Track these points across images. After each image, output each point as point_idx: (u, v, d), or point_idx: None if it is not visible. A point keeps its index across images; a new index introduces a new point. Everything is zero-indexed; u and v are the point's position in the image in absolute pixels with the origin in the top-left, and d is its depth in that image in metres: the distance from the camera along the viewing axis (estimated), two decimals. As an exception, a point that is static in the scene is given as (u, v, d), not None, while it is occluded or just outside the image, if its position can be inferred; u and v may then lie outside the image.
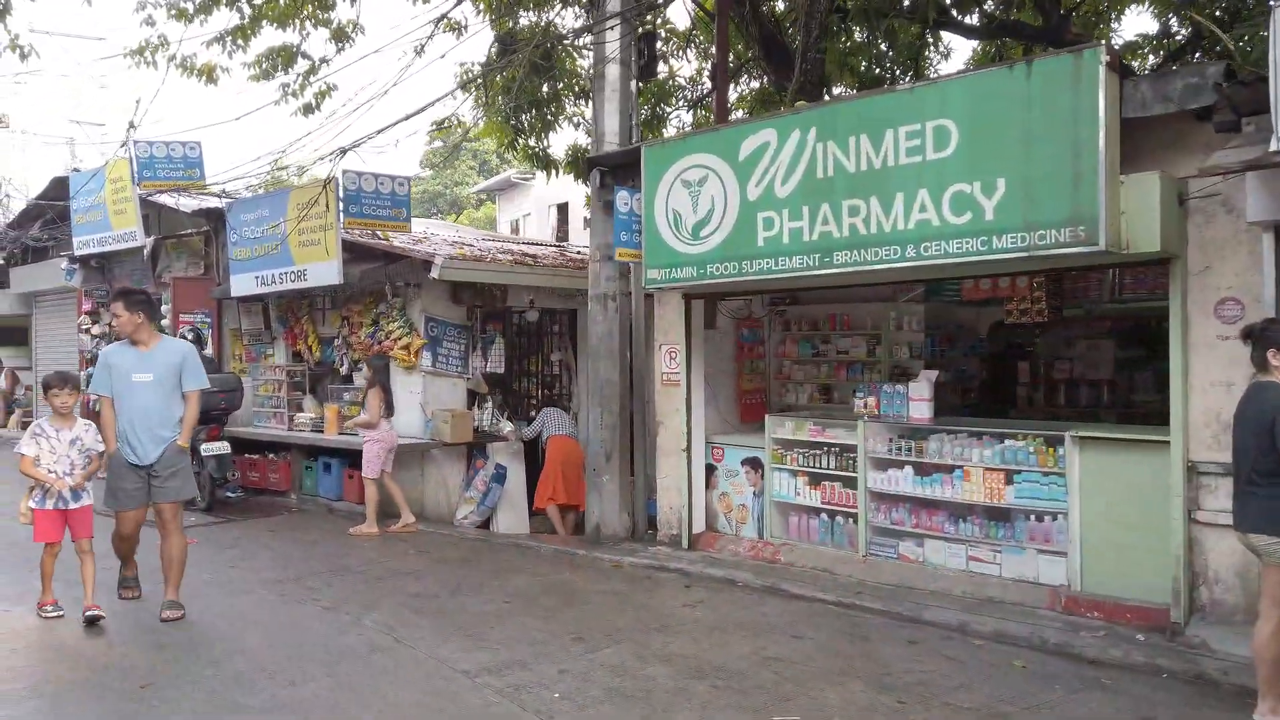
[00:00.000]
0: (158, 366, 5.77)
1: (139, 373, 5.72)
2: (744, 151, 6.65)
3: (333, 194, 9.16)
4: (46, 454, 5.55)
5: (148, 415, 5.72)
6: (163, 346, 5.93)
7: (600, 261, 8.27)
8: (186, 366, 5.89)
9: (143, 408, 5.70)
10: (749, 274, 6.62)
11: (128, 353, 5.81)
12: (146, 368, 5.73)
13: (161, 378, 5.78)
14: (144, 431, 5.72)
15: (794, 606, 6.26)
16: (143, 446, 5.73)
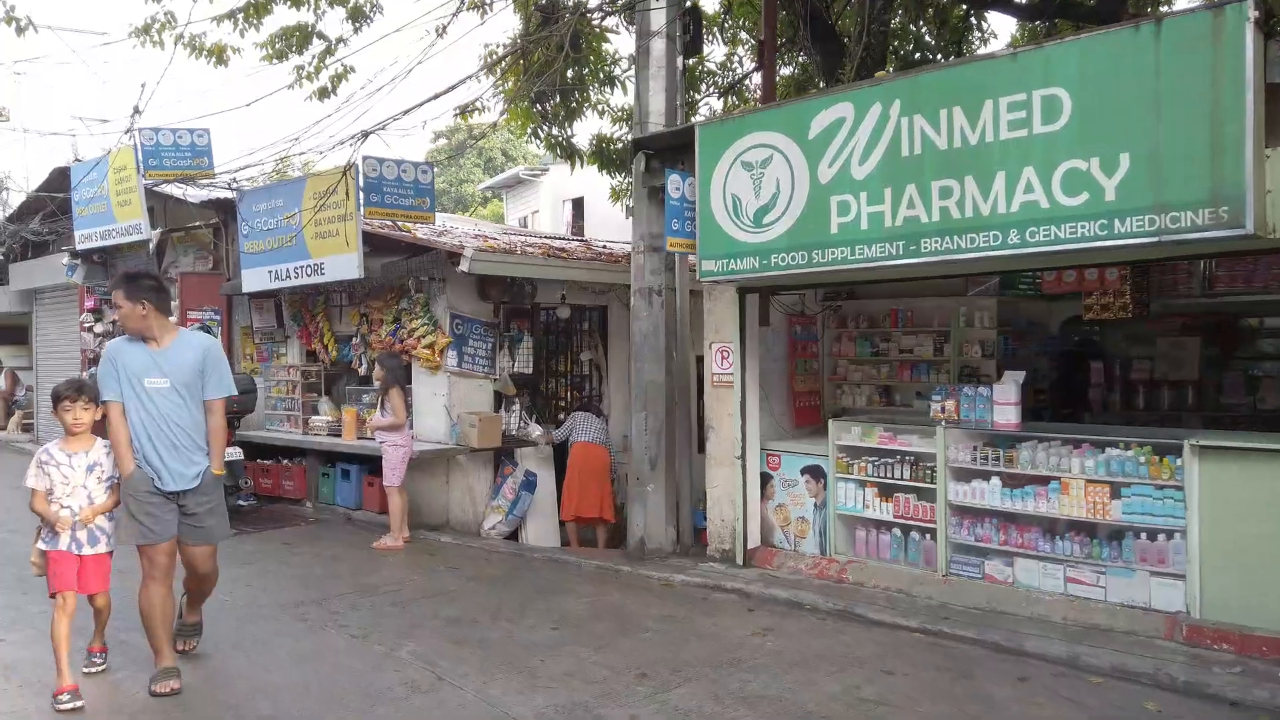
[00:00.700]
0: (174, 368, 4.55)
1: (152, 376, 4.51)
2: (815, 129, 6.00)
3: (352, 181, 8.52)
4: (59, 485, 4.40)
5: (169, 430, 4.52)
6: (180, 343, 4.65)
7: (645, 253, 7.62)
8: (209, 367, 4.65)
9: (162, 421, 4.52)
10: (820, 264, 5.97)
11: (138, 351, 4.56)
12: (161, 370, 4.53)
13: (180, 382, 4.56)
14: (166, 450, 4.52)
15: (875, 635, 5.61)
16: (168, 470, 4.52)
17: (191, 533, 4.65)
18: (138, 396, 4.50)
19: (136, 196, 10.81)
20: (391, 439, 8.02)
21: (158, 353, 4.58)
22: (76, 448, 4.47)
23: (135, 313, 4.53)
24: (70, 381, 4.63)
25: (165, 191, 11.26)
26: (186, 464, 4.56)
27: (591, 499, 9.17)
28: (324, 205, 8.74)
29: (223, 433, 4.74)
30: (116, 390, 4.50)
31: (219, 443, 4.70)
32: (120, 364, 4.52)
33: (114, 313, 4.77)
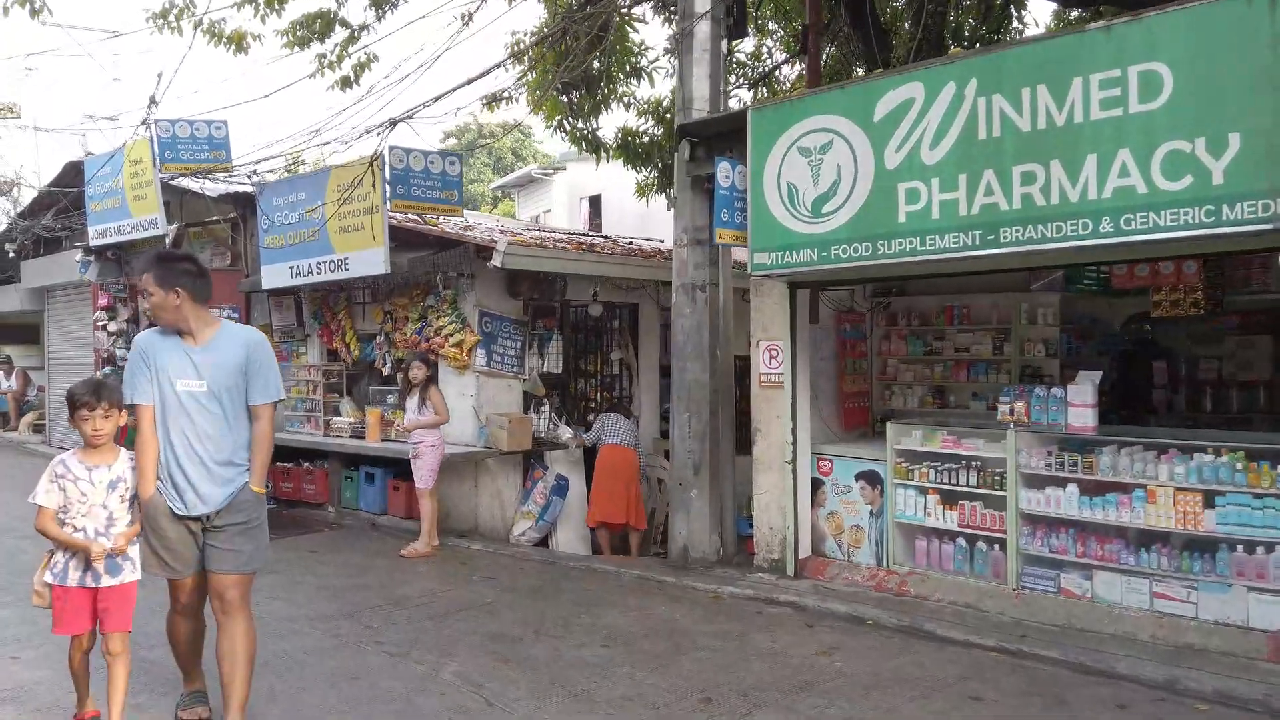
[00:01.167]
0: (214, 369, 3.79)
1: (186, 378, 3.75)
2: (880, 111, 5.62)
3: (378, 172, 8.16)
4: (75, 504, 3.67)
5: (202, 445, 3.75)
6: (221, 339, 3.86)
7: (688, 246, 7.24)
8: (255, 367, 3.87)
9: (194, 433, 3.75)
10: (886, 256, 5.58)
11: (171, 346, 3.80)
12: (197, 371, 3.77)
13: (220, 386, 3.79)
14: (194, 467, 3.73)
15: (949, 654, 5.22)
16: (192, 490, 3.74)
17: (219, 557, 3.81)
18: (170, 402, 3.75)
19: (153, 190, 10.47)
20: (428, 440, 7.64)
21: (195, 350, 3.79)
22: (97, 460, 3.74)
23: (168, 302, 3.75)
24: (88, 384, 3.80)
25: (182, 185, 10.91)
26: (219, 484, 3.78)
27: (619, 504, 8.81)
28: (349, 198, 8.39)
29: (268, 443, 3.93)
30: (149, 392, 3.74)
31: (263, 454, 3.91)
32: (152, 361, 3.76)
33: (145, 300, 3.89)
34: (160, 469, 3.75)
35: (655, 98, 12.19)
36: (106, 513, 3.74)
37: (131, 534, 3.77)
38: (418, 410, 7.70)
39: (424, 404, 7.68)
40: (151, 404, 3.76)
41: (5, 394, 17.46)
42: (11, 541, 8.16)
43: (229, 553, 3.83)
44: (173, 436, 3.75)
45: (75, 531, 3.69)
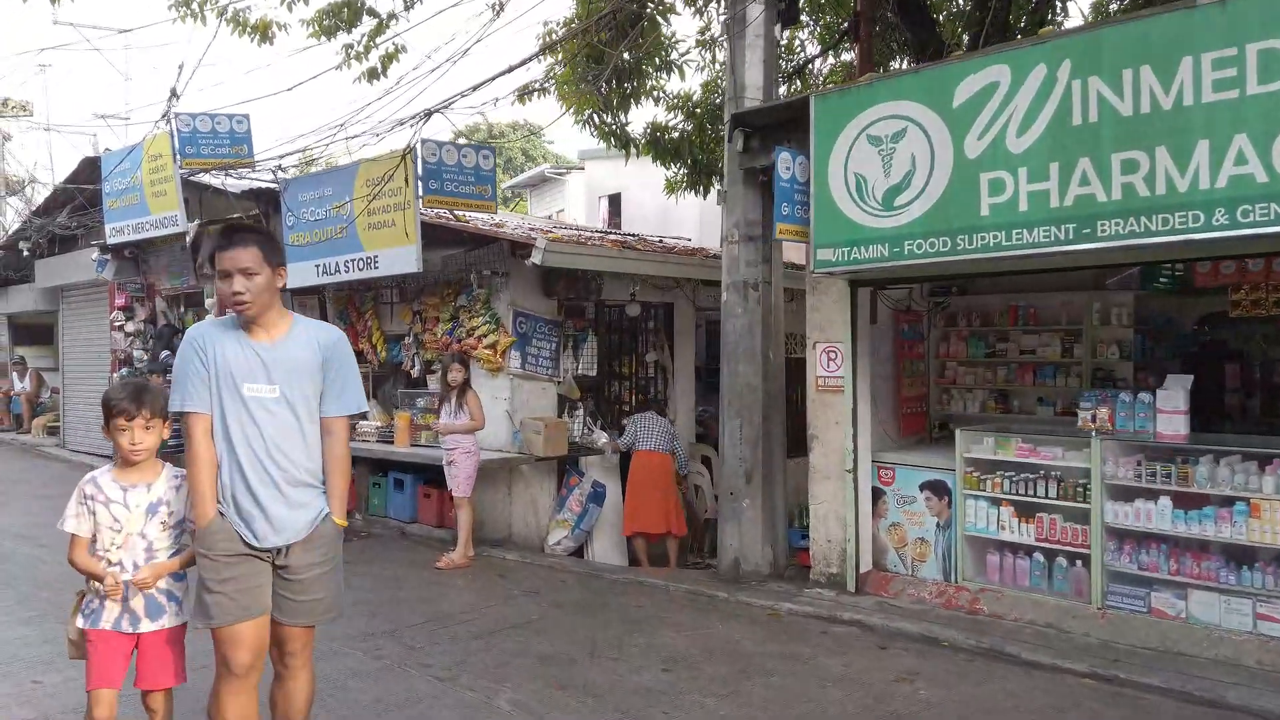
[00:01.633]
0: (287, 371, 3.11)
1: (256, 382, 3.07)
2: (960, 96, 5.24)
3: (411, 166, 7.81)
4: (107, 530, 3.11)
5: (275, 460, 3.06)
6: (296, 335, 3.18)
7: (740, 242, 6.87)
8: (333, 371, 3.19)
9: (264, 447, 3.06)
10: (967, 252, 5.20)
11: (236, 343, 3.10)
12: (268, 374, 3.09)
13: (296, 391, 3.11)
14: (265, 489, 3.04)
15: (1038, 681, 4.83)
16: (266, 517, 3.04)
17: (292, 607, 3.11)
18: (233, 409, 3.05)
19: (172, 186, 10.13)
20: (464, 445, 7.28)
21: (264, 347, 3.10)
22: (134, 479, 3.16)
23: (274, 284, 3.09)
24: (128, 388, 3.19)
25: (202, 181, 10.57)
26: (294, 508, 3.08)
27: (655, 512, 8.45)
28: (379, 193, 8.05)
29: (346, 464, 3.24)
30: (205, 398, 3.04)
31: (342, 478, 3.22)
32: (212, 359, 3.05)
33: (227, 284, 3.04)
34: (221, 491, 3.06)
35: (685, 91, 11.83)
36: (145, 543, 3.14)
37: (165, 569, 3.15)
38: (454, 414, 7.34)
39: (460, 408, 7.32)
40: (208, 413, 3.04)
41: (19, 395, 17.18)
42: (29, 550, 7.84)
43: (305, 602, 3.12)
44: (238, 451, 3.03)
45: (110, 565, 3.10)
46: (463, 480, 7.26)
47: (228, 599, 3.01)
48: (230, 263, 3.03)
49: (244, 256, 3.03)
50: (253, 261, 3.03)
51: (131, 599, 3.14)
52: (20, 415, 17.08)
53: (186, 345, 3.12)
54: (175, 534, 3.21)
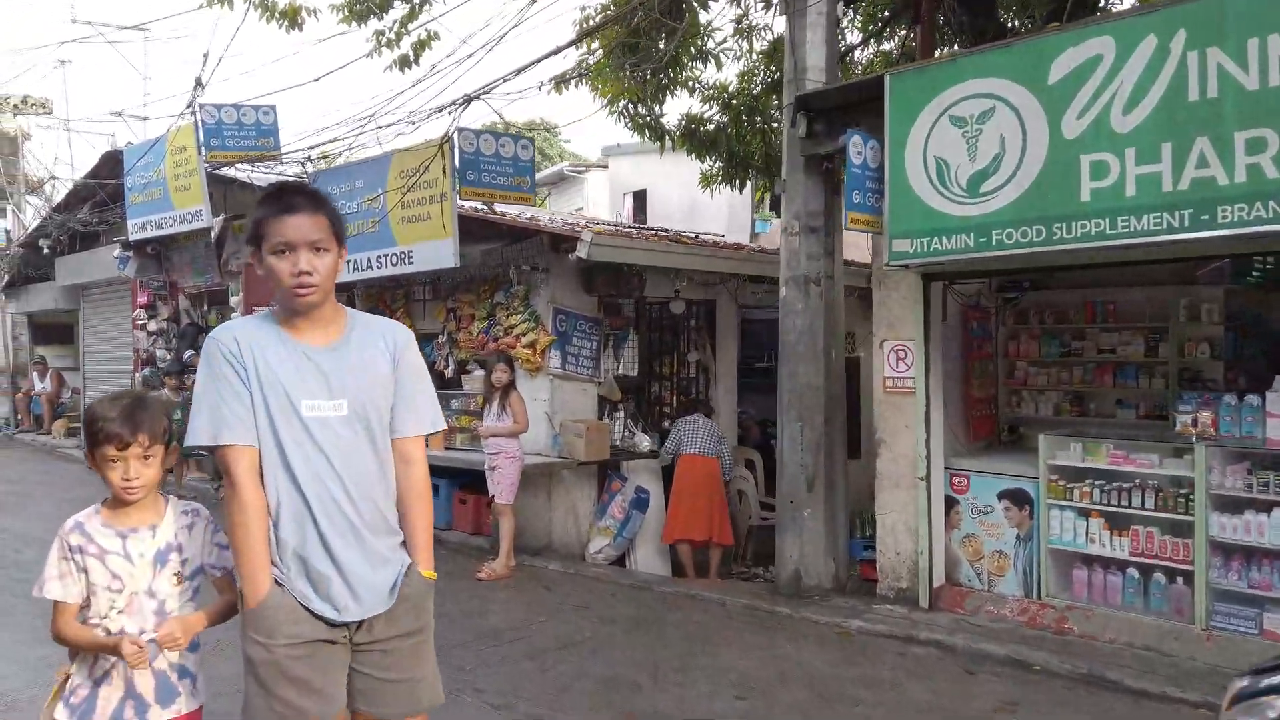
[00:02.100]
0: (353, 381, 2.35)
1: (315, 397, 2.29)
2: (1057, 72, 4.81)
3: (449, 156, 7.44)
4: (104, 592, 2.29)
5: (350, 499, 2.31)
6: (357, 334, 2.42)
7: (800, 234, 6.45)
8: (407, 377, 2.44)
9: (337, 483, 2.30)
10: (1065, 241, 4.77)
11: (282, 345, 2.32)
12: (328, 384, 2.32)
13: (366, 407, 2.35)
14: (341, 539, 2.28)
15: (1149, 712, 4.40)
16: (340, 578, 2.28)
17: (383, 693, 2.35)
18: (291, 435, 2.25)
19: (197, 180, 9.82)
20: (507, 450, 6.89)
21: (322, 352, 2.32)
22: (133, 521, 2.34)
23: (338, 266, 2.34)
24: (117, 404, 2.30)
25: (227, 175, 10.26)
26: (377, 565, 2.31)
27: (701, 519, 8.04)
28: (414, 185, 7.68)
29: (429, 500, 2.46)
30: (248, 424, 2.23)
31: (427, 518, 2.44)
32: (253, 370, 2.25)
33: (275, 262, 2.28)
34: (278, 550, 2.25)
35: (721, 82, 11.43)
36: (155, 602, 2.32)
37: (196, 624, 2.35)
38: (497, 416, 6.95)
39: (504, 410, 6.93)
40: (253, 444, 2.23)
41: (39, 396, 16.95)
42: (50, 559, 7.51)
43: (400, 684, 2.36)
44: (305, 491, 2.24)
45: (114, 633, 2.28)
46: (506, 486, 6.87)
47: (294, 704, 2.21)
48: (295, 232, 2.23)
49: (312, 226, 2.25)
50: (323, 234, 2.27)
51: (135, 680, 2.31)
52: (41, 416, 16.85)
53: (214, 353, 2.27)
54: (191, 587, 2.41)
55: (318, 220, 2.28)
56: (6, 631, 5.57)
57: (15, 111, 22.26)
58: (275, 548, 2.25)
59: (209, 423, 2.23)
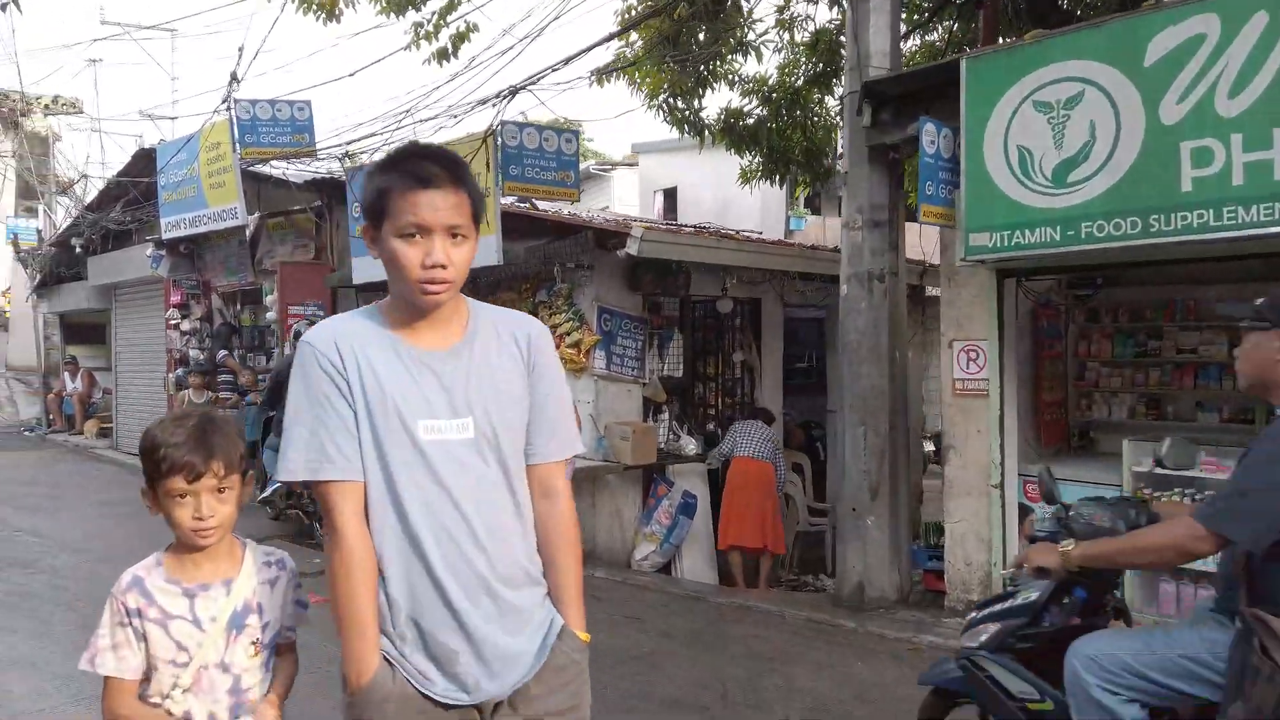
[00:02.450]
0: (482, 393, 1.83)
1: (434, 415, 1.78)
2: (1154, 53, 4.49)
3: (492, 150, 7.20)
4: (167, 667, 1.83)
5: (477, 545, 1.79)
6: (482, 330, 1.88)
7: (864, 229, 6.15)
8: (544, 386, 1.92)
9: (462, 525, 1.78)
10: (1164, 234, 4.45)
11: (390, 350, 1.80)
12: (450, 399, 1.80)
13: (497, 426, 1.82)
14: (470, 598, 1.77)
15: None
16: (471, 649, 1.78)
17: None
18: (404, 465, 1.77)
19: (231, 177, 9.65)
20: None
21: (441, 358, 1.83)
22: (204, 575, 1.89)
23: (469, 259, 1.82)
24: (184, 423, 1.85)
25: (262, 172, 10.09)
26: (513, 624, 1.82)
27: (754, 525, 7.76)
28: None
29: (577, 541, 1.97)
30: (353, 455, 1.76)
31: (575, 562, 1.95)
32: (358, 383, 1.78)
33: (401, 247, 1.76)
34: (389, 614, 1.77)
35: (761, 75, 11.13)
36: (229, 679, 1.87)
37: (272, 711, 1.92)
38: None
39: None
40: (359, 479, 1.76)
41: (70, 396, 16.93)
42: (89, 566, 7.35)
43: None
44: (421, 539, 1.75)
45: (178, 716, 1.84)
46: (555, 493, 6.61)
47: None
48: (431, 214, 1.72)
49: (453, 207, 1.74)
50: (464, 218, 1.77)
51: None
52: (73, 416, 16.83)
53: (310, 365, 1.78)
54: (268, 657, 1.94)
55: (459, 200, 1.76)
56: (44, 644, 5.38)
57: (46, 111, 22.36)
58: (384, 611, 1.76)
59: (306, 454, 1.75)
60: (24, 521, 9.10)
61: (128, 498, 10.83)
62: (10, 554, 7.67)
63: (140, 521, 9.39)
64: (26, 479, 12.06)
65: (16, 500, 10.35)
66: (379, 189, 1.77)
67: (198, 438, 1.82)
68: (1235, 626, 2.44)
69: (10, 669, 4.96)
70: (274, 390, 8.56)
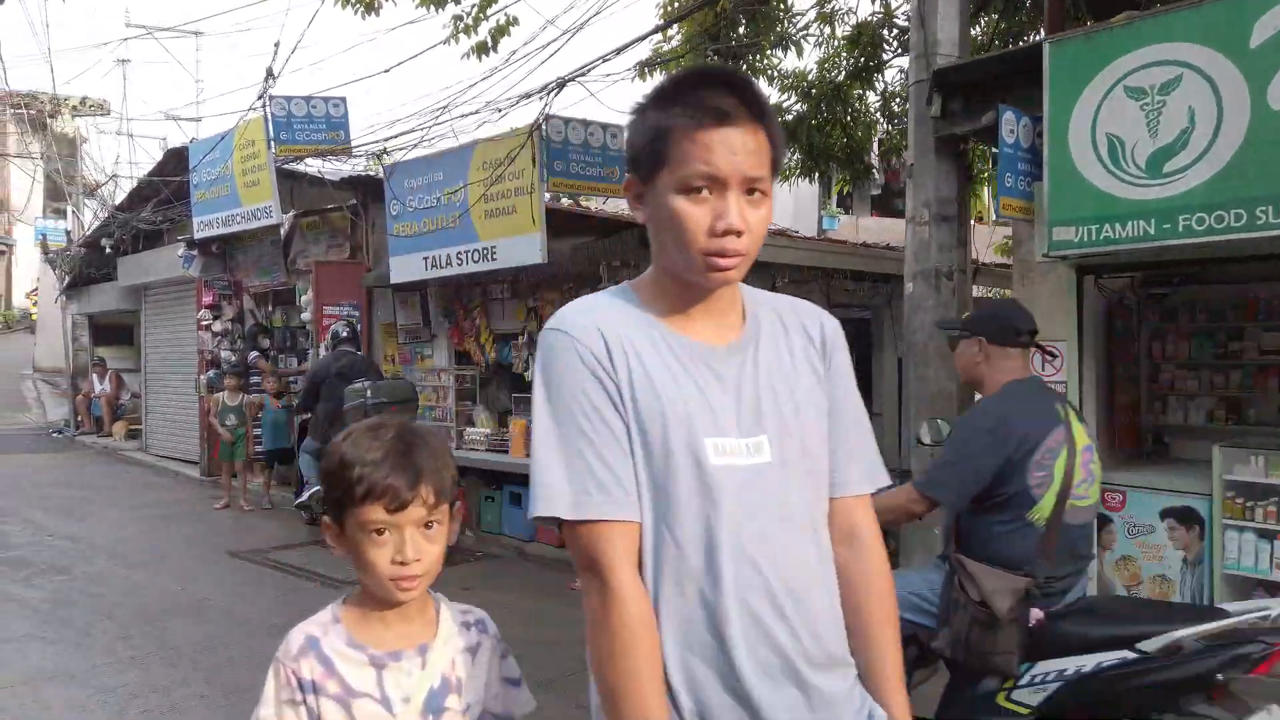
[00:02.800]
0: (773, 404, 1.40)
1: (725, 433, 1.35)
2: (1260, 33, 4.20)
3: (538, 145, 6.99)
4: None
5: (780, 610, 1.35)
6: (765, 320, 1.47)
7: (931, 223, 5.87)
8: (841, 395, 1.50)
9: (763, 580, 1.34)
10: (1273, 226, 4.16)
11: (665, 346, 1.38)
12: (740, 412, 1.38)
13: (797, 450, 1.40)
14: (761, 673, 1.33)
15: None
16: None
17: None
18: (687, 499, 1.33)
19: (266, 175, 9.50)
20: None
21: (721, 356, 1.41)
22: (394, 640, 1.50)
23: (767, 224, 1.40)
24: (379, 435, 1.46)
25: (297, 170, 9.92)
26: (823, 713, 1.36)
27: None
28: (499, 176, 7.24)
29: (894, 600, 1.50)
30: (629, 485, 1.34)
31: (893, 630, 1.47)
32: (627, 388, 1.35)
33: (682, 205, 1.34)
34: (679, 702, 1.34)
35: (800, 70, 10.88)
36: None
37: None
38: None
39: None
40: (637, 519, 1.35)
41: (99, 397, 16.87)
42: (124, 571, 7.19)
43: None
44: (709, 596, 1.34)
45: None
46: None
47: None
48: (728, 161, 1.30)
49: (751, 151, 1.32)
50: (764, 168, 1.35)
51: None
52: (101, 418, 16.77)
53: (566, 358, 1.36)
54: None
55: (760, 144, 1.32)
56: (83, 654, 5.20)
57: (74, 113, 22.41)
58: (675, 699, 1.34)
59: (568, 481, 1.30)
60: (57, 525, 8.97)
61: (159, 500, 10.72)
62: (45, 559, 7.53)
63: (172, 525, 9.29)
64: (57, 481, 11.98)
65: (48, 503, 10.25)
66: (655, 129, 1.34)
67: (401, 454, 1.42)
68: (945, 568, 2.98)
69: (48, 681, 4.78)
70: (309, 392, 8.40)
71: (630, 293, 1.47)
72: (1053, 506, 2.86)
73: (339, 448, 1.46)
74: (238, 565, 7.46)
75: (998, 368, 3.08)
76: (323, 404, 8.06)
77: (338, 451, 1.45)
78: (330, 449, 1.49)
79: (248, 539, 8.39)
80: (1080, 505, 2.97)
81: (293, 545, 8.12)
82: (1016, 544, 2.84)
